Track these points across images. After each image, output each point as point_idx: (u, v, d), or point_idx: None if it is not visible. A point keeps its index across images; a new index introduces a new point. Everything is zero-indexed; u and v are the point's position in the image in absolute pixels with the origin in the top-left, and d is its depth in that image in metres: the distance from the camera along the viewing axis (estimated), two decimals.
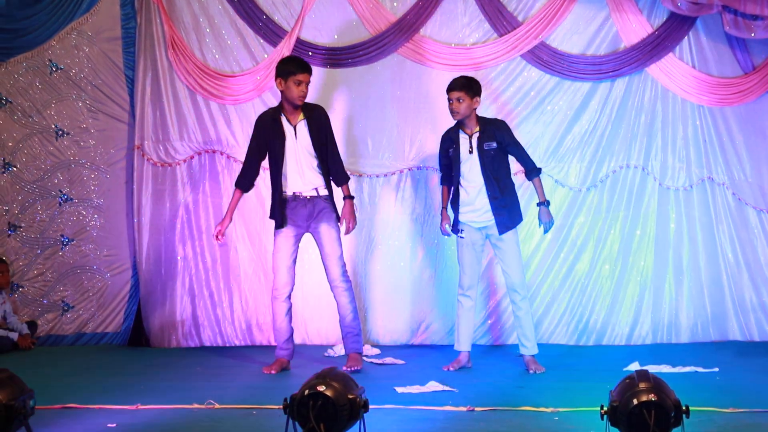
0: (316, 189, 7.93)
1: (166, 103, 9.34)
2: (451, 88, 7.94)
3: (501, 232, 7.93)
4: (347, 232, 8.05)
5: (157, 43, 9.32)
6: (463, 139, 7.98)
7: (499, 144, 7.92)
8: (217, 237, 8.04)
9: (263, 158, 8.06)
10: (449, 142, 8.10)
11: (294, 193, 7.92)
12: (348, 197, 8.02)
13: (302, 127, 7.88)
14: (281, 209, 7.92)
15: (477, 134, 7.94)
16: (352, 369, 7.81)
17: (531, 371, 7.93)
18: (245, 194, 8.32)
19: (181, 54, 9.31)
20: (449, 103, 7.92)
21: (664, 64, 9.39)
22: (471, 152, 7.92)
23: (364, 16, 9.35)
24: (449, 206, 8.25)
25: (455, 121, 8.03)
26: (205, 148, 9.40)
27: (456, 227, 8.11)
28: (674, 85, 9.42)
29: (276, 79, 7.83)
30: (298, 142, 7.86)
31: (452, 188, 8.16)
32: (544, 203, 8.03)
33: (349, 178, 8.08)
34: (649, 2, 9.35)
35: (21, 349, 9.12)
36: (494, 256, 8.23)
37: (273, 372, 7.88)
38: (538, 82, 9.43)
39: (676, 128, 9.48)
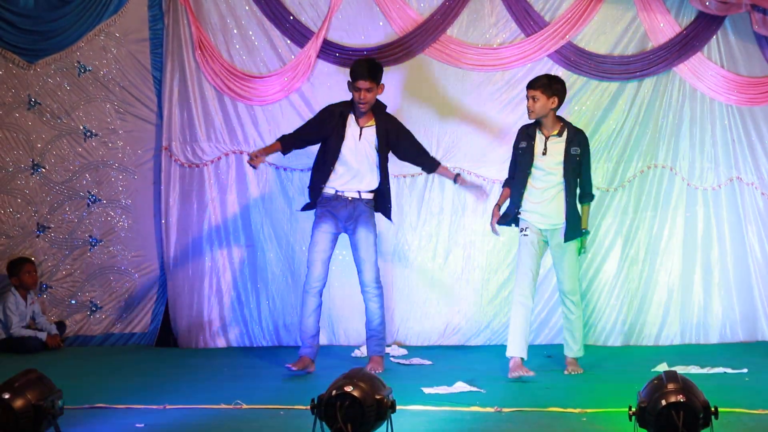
0: (359, 192, 7.96)
1: (193, 104, 9.36)
2: (529, 86, 7.92)
3: (567, 240, 7.91)
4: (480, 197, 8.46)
5: (184, 44, 9.34)
6: (539, 139, 7.93)
7: (581, 153, 7.90)
8: (251, 160, 7.87)
9: (311, 140, 8.08)
10: (525, 138, 7.99)
11: (337, 191, 7.94)
12: (456, 175, 8.25)
13: (370, 132, 7.93)
14: (323, 204, 8.00)
15: (555, 137, 7.88)
16: (374, 372, 7.77)
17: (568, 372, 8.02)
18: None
19: (208, 55, 9.33)
20: (527, 101, 7.91)
21: (692, 64, 9.35)
22: (545, 154, 7.88)
23: (390, 17, 9.35)
24: (509, 203, 8.11)
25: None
26: (233, 149, 9.41)
27: (518, 224, 8.04)
28: (702, 84, 9.38)
29: (348, 81, 7.96)
30: (361, 143, 7.91)
31: (515, 188, 8.02)
32: (585, 231, 8.04)
33: (438, 163, 8.33)
34: (677, 2, 9.31)
35: (50, 348, 9.16)
36: (552, 260, 8.16)
37: (295, 369, 7.79)
38: (565, 82, 9.39)
39: (705, 128, 9.44)
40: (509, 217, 8.03)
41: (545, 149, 7.86)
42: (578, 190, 7.99)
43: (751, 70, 9.42)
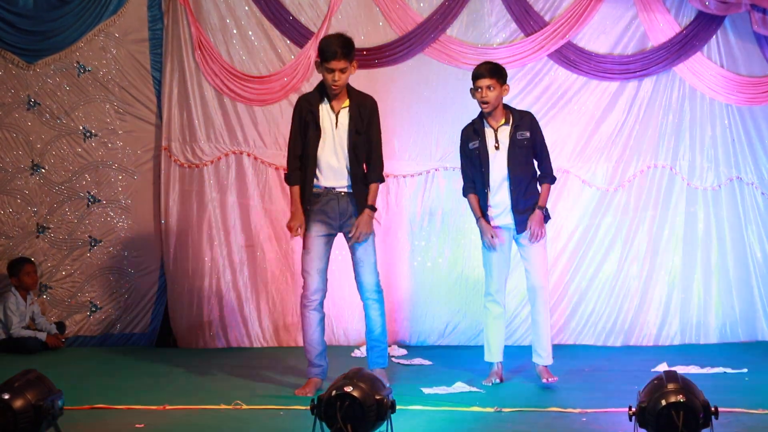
0: (351, 186, 7.14)
1: (193, 104, 9.36)
2: (479, 76, 7.27)
3: (520, 231, 7.36)
4: (354, 239, 7.10)
5: (184, 44, 9.34)
6: (489, 132, 7.35)
7: (530, 136, 7.33)
8: (293, 231, 7.13)
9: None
10: (473, 135, 7.41)
11: (326, 187, 7.12)
12: (370, 207, 7.14)
13: (345, 115, 7.10)
14: (307, 205, 7.12)
15: (504, 126, 7.33)
16: None
17: (544, 380, 7.42)
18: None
19: (208, 55, 9.33)
20: (477, 92, 7.31)
21: (692, 64, 9.35)
22: (498, 148, 7.32)
23: (390, 17, 9.35)
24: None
25: (481, 112, 7.42)
26: (232, 150, 9.41)
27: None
28: (702, 84, 9.37)
29: (315, 60, 7.19)
30: (338, 131, 7.08)
31: (480, 193, 7.46)
32: (542, 208, 7.40)
33: (382, 180, 7.29)
34: (676, 1, 9.31)
35: (50, 348, 9.16)
36: (522, 258, 7.55)
37: (309, 394, 6.95)
38: (565, 82, 9.40)
39: (704, 128, 9.44)
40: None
41: (497, 143, 7.34)
42: (537, 172, 7.49)
43: (750, 70, 9.42)
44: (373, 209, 7.18)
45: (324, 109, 7.13)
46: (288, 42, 9.39)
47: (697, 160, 9.45)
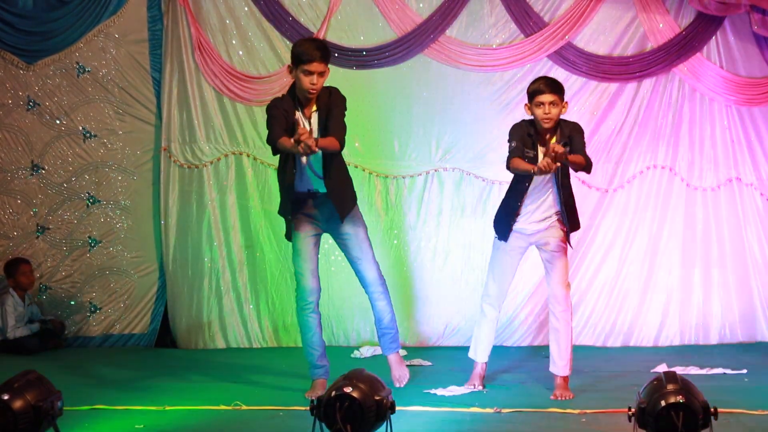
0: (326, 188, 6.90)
1: (192, 104, 9.36)
2: (540, 91, 6.80)
3: (571, 230, 7.08)
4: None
5: (183, 45, 9.34)
6: (541, 151, 6.84)
7: (569, 147, 6.73)
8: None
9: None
10: (530, 143, 6.85)
11: (309, 189, 6.93)
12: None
13: (315, 119, 6.82)
14: (296, 207, 6.95)
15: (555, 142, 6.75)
16: (402, 379, 7.26)
17: (553, 396, 6.96)
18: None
19: (207, 56, 9.33)
20: (539, 108, 6.80)
21: (691, 65, 9.34)
22: None
23: (390, 17, 9.34)
24: (501, 214, 7.17)
25: (532, 121, 6.95)
26: (232, 150, 9.41)
27: (506, 235, 7.08)
28: (702, 85, 9.37)
29: (289, 65, 6.85)
30: (312, 135, 6.64)
31: (512, 200, 7.05)
32: (565, 158, 6.57)
33: (340, 146, 6.77)
34: (676, 2, 9.31)
35: (47, 336, 9.20)
36: (543, 264, 7.17)
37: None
38: (564, 83, 9.33)
39: (704, 128, 9.43)
40: (507, 233, 7.09)
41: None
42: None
43: (750, 71, 9.42)
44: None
45: (298, 115, 6.81)
46: (288, 42, 9.37)
47: (696, 161, 9.44)
